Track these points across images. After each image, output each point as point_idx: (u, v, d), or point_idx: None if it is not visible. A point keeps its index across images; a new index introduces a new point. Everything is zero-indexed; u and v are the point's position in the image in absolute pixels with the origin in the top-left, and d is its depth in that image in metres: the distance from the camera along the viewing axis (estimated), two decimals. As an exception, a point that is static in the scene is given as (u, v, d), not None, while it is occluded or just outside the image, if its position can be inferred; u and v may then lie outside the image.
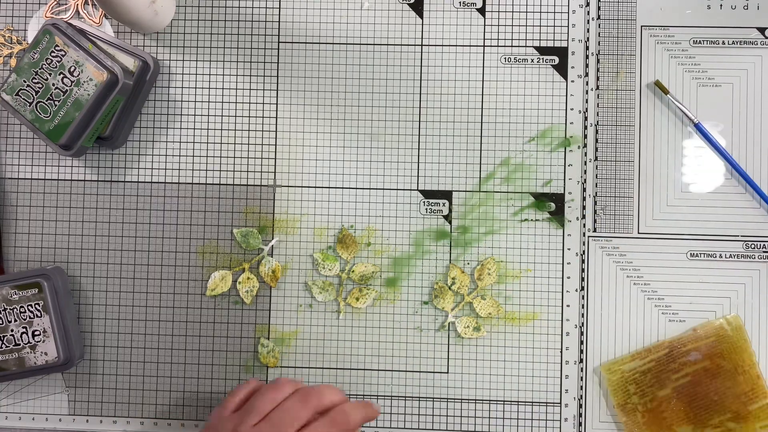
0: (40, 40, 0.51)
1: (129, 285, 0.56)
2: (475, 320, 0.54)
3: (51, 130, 0.51)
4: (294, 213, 0.55)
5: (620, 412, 0.53)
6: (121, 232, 0.56)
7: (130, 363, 0.55)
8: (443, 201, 0.55)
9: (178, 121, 0.56)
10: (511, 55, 0.55)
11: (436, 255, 0.55)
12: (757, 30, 0.54)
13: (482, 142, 0.55)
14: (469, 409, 0.54)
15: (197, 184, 0.56)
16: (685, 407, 0.52)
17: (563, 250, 0.54)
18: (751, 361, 0.52)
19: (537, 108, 0.55)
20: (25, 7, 0.57)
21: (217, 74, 0.56)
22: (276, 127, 0.56)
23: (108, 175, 0.56)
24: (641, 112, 0.54)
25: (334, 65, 0.56)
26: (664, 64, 0.54)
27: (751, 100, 0.54)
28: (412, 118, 0.55)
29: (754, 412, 0.52)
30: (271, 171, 0.56)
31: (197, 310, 0.55)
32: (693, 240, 0.54)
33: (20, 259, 0.56)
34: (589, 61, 0.55)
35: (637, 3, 0.55)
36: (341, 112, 0.56)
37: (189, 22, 0.56)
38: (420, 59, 0.55)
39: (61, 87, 0.51)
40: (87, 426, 0.55)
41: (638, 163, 0.54)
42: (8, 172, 0.57)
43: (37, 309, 0.52)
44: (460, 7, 0.55)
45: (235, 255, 0.55)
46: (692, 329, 0.53)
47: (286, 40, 0.56)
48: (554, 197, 0.55)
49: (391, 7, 0.56)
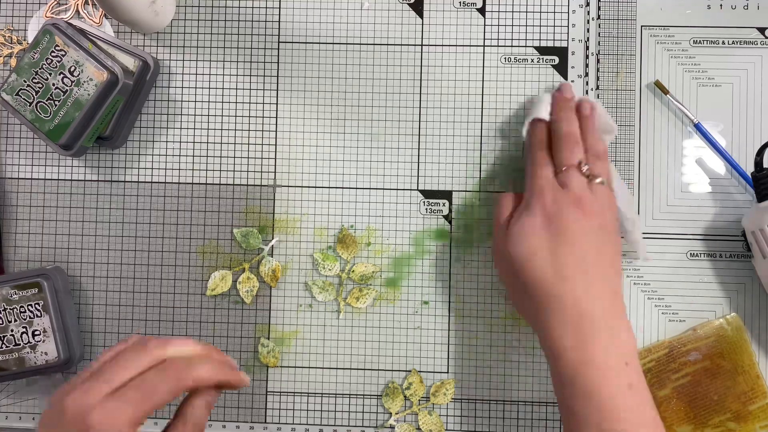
0: (40, 40, 0.51)
1: (129, 285, 0.56)
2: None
3: (51, 130, 0.51)
4: (294, 213, 0.55)
5: (620, 412, 0.53)
6: (121, 232, 0.56)
7: (130, 363, 0.55)
8: (443, 201, 0.55)
9: (178, 121, 0.56)
10: (511, 55, 0.55)
11: (436, 255, 0.55)
12: (757, 30, 0.54)
13: (482, 142, 0.55)
14: (469, 409, 0.54)
15: (197, 184, 0.56)
16: (685, 407, 0.52)
17: (563, 250, 0.54)
18: (751, 361, 0.52)
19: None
20: (25, 7, 0.57)
21: (217, 74, 0.56)
22: (276, 127, 0.56)
23: (108, 175, 0.56)
24: (641, 112, 0.54)
25: (334, 65, 0.56)
26: (664, 64, 0.54)
27: (751, 100, 0.54)
28: (412, 118, 0.55)
29: (754, 412, 0.52)
30: (271, 171, 0.56)
31: (197, 310, 0.55)
32: (693, 240, 0.54)
33: (20, 259, 0.56)
34: (589, 61, 0.55)
35: (637, 3, 0.55)
36: (341, 112, 0.56)
37: (189, 22, 0.56)
38: (420, 59, 0.55)
39: (61, 87, 0.51)
40: (87, 426, 0.55)
41: (638, 163, 0.54)
42: (8, 172, 0.57)
43: (37, 309, 0.52)
44: (460, 7, 0.55)
45: (235, 255, 0.55)
46: (692, 329, 0.53)
47: (286, 40, 0.56)
48: (554, 197, 0.54)
49: (391, 7, 0.56)
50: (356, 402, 0.55)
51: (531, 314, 0.46)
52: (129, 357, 0.40)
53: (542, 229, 0.45)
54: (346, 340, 0.55)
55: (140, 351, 0.40)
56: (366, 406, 0.55)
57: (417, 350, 0.55)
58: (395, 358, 0.55)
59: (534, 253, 0.45)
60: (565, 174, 0.46)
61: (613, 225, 0.47)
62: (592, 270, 0.45)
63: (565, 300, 0.44)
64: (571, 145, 0.47)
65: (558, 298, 0.44)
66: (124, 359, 0.40)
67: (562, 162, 0.47)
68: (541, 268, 0.45)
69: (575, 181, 0.46)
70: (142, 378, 0.39)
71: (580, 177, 0.46)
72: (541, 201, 0.46)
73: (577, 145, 0.48)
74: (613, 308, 0.45)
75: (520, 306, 0.48)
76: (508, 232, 0.47)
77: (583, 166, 0.47)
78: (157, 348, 0.40)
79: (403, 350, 0.55)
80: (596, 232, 0.45)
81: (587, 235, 0.45)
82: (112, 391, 0.38)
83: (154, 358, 0.40)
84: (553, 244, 0.45)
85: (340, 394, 0.55)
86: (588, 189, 0.46)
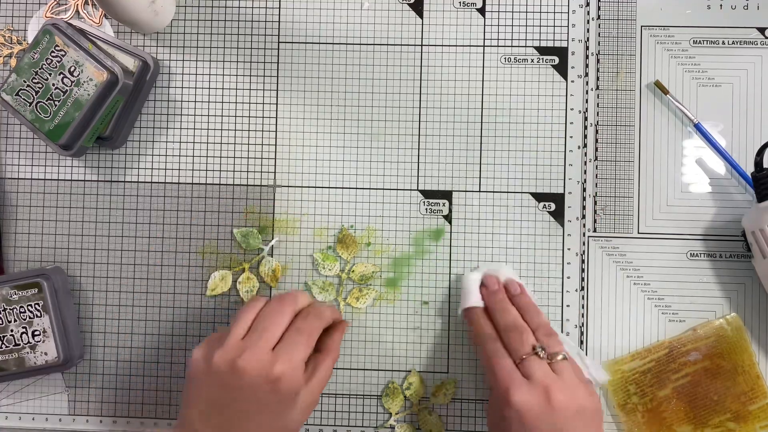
0: (40, 40, 0.51)
1: (129, 285, 0.56)
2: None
3: (51, 130, 0.51)
4: (294, 213, 0.55)
5: (620, 412, 0.53)
6: (121, 232, 0.56)
7: (130, 363, 0.55)
8: (443, 201, 0.55)
9: (178, 121, 0.56)
10: (511, 55, 0.55)
11: (436, 255, 0.55)
12: (757, 30, 0.54)
13: (482, 142, 0.55)
14: (470, 409, 0.54)
15: (197, 184, 0.56)
16: (685, 407, 0.52)
17: (563, 250, 0.54)
18: (750, 361, 0.52)
19: (537, 108, 0.55)
20: (25, 7, 0.57)
21: (217, 74, 0.56)
22: (276, 127, 0.56)
23: (108, 175, 0.56)
24: (641, 112, 0.54)
25: (334, 65, 0.56)
26: (664, 64, 0.54)
27: (751, 100, 0.54)
28: (412, 118, 0.55)
29: (754, 412, 0.52)
30: (271, 171, 0.56)
31: (197, 310, 0.55)
32: (693, 240, 0.54)
33: (20, 259, 0.56)
34: (589, 61, 0.55)
35: (637, 3, 0.55)
36: (341, 112, 0.56)
37: (189, 22, 0.56)
38: (420, 59, 0.55)
39: (61, 87, 0.51)
40: (87, 426, 0.55)
41: (638, 163, 0.54)
42: (8, 172, 0.57)
43: (36, 309, 0.52)
44: (460, 7, 0.55)
45: (235, 255, 0.55)
46: (692, 329, 0.53)
47: (286, 40, 0.56)
48: (554, 197, 0.55)
49: (391, 7, 0.56)
50: (356, 402, 0.55)
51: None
52: (275, 316, 0.47)
53: (518, 429, 0.45)
54: (346, 340, 0.55)
55: (281, 310, 0.48)
56: (366, 406, 0.55)
57: (417, 350, 0.55)
58: (395, 358, 0.55)
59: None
60: (525, 364, 0.46)
61: (588, 399, 0.46)
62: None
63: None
64: (519, 333, 0.48)
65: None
66: (272, 319, 0.47)
67: (517, 353, 0.47)
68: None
69: (538, 370, 0.46)
70: (298, 326, 0.47)
71: (541, 363, 0.46)
72: (511, 401, 0.45)
73: (525, 331, 0.48)
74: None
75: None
76: (489, 425, 0.48)
77: (539, 350, 0.47)
78: (292, 303, 0.48)
79: (403, 350, 0.55)
80: (572, 420, 0.45)
81: (562, 430, 0.45)
82: (276, 344, 0.46)
83: (294, 310, 0.48)
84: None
85: (340, 394, 0.55)
86: (553, 374, 0.46)
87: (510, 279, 0.52)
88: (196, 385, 0.47)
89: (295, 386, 0.46)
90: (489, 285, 0.52)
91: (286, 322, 0.48)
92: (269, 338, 0.46)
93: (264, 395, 0.45)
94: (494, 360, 0.48)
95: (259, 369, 0.45)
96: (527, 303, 0.51)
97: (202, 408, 0.46)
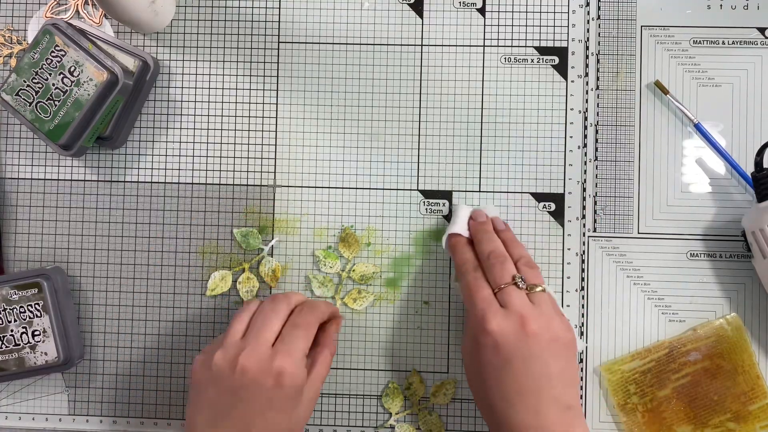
0: (40, 40, 0.51)
1: (129, 285, 0.56)
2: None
3: (51, 130, 0.51)
4: (294, 213, 0.55)
5: (620, 412, 0.53)
6: (121, 232, 0.56)
7: (130, 363, 0.55)
8: (443, 201, 0.55)
9: (178, 121, 0.56)
10: (511, 55, 0.55)
11: (436, 255, 0.55)
12: (757, 30, 0.54)
13: (482, 142, 0.55)
14: (469, 409, 0.54)
15: (197, 184, 0.56)
16: (685, 407, 0.52)
17: (563, 250, 0.54)
18: (750, 361, 0.52)
19: (537, 108, 0.55)
20: (25, 7, 0.57)
21: (217, 74, 0.56)
22: (276, 127, 0.56)
23: (108, 175, 0.56)
24: (641, 112, 0.54)
25: (334, 65, 0.56)
26: (664, 64, 0.54)
27: (751, 100, 0.54)
28: (412, 118, 0.55)
29: (754, 412, 0.52)
30: (271, 171, 0.56)
31: (197, 310, 0.55)
32: (693, 240, 0.54)
33: (20, 259, 0.56)
34: (589, 61, 0.55)
35: (637, 3, 0.55)
36: (341, 112, 0.56)
37: (189, 22, 0.56)
38: (420, 59, 0.55)
39: (61, 87, 0.51)
40: (87, 426, 0.55)
41: (638, 163, 0.54)
42: (8, 172, 0.57)
43: (36, 309, 0.52)
44: (460, 7, 0.55)
45: (235, 255, 0.55)
46: (692, 329, 0.53)
47: (286, 40, 0.56)
48: (554, 197, 0.55)
49: (391, 7, 0.56)
50: (356, 402, 0.55)
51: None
52: (270, 314, 0.48)
53: (492, 356, 0.45)
54: (345, 341, 0.55)
55: (276, 308, 0.48)
56: (366, 406, 0.55)
57: (417, 350, 0.55)
58: (395, 358, 0.55)
59: (483, 381, 0.46)
60: (503, 293, 0.47)
61: (563, 330, 0.46)
62: (543, 391, 0.45)
63: (512, 423, 0.45)
64: (501, 262, 0.48)
65: (507, 422, 0.45)
66: (268, 317, 0.48)
67: (496, 281, 0.47)
68: (491, 396, 0.46)
69: (515, 299, 0.46)
70: (294, 321, 0.48)
71: (519, 292, 0.47)
72: (487, 329, 0.45)
73: (506, 260, 0.48)
74: (564, 424, 0.45)
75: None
76: (463, 352, 0.49)
77: (518, 280, 0.47)
78: (285, 301, 0.49)
79: (403, 350, 0.55)
80: (546, 349, 0.45)
81: (535, 357, 0.45)
82: (275, 340, 0.47)
83: (288, 307, 0.49)
84: (501, 372, 0.45)
85: (340, 394, 0.55)
86: (530, 303, 0.46)
87: (496, 216, 0.53)
88: (199, 393, 0.47)
89: (298, 380, 0.46)
90: (476, 216, 0.52)
91: (282, 318, 0.48)
92: (267, 335, 0.47)
93: (268, 391, 0.45)
94: (473, 287, 0.48)
95: (260, 365, 0.45)
96: (511, 238, 0.51)
97: (208, 415, 0.46)
